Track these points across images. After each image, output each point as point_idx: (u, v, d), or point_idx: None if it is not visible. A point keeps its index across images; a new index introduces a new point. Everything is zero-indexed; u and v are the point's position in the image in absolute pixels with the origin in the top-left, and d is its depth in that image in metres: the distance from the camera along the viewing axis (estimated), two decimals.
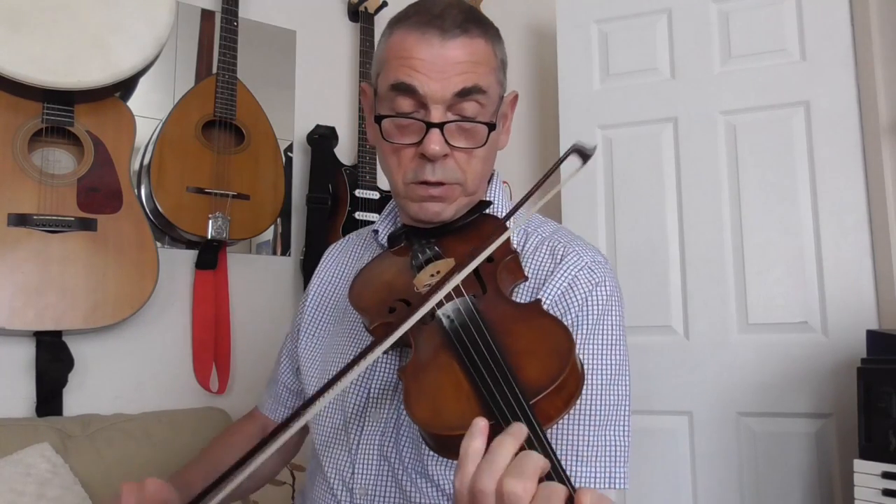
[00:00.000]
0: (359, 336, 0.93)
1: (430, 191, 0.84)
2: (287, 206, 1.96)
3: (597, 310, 0.83)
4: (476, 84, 0.81)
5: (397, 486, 0.83)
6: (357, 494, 0.85)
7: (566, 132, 2.08)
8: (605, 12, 2.07)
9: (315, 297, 1.05)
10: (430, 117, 0.81)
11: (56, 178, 1.54)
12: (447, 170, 0.83)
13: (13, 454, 1.36)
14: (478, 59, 0.82)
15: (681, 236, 1.90)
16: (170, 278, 1.76)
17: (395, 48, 0.83)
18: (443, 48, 0.80)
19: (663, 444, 1.83)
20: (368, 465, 0.84)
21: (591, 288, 0.84)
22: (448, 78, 0.80)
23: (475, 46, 0.82)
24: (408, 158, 0.84)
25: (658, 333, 1.87)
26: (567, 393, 0.63)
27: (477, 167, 0.86)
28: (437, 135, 0.80)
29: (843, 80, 1.80)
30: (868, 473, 1.39)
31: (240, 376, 1.85)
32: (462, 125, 0.83)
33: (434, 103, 0.80)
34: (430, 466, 0.80)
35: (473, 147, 0.84)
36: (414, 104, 0.82)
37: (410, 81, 0.80)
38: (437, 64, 0.80)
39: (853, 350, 1.63)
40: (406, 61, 0.81)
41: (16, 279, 1.47)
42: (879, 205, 1.71)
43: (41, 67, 1.47)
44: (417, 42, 0.81)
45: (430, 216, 0.86)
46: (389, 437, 0.84)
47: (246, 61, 1.91)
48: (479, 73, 0.82)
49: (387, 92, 0.83)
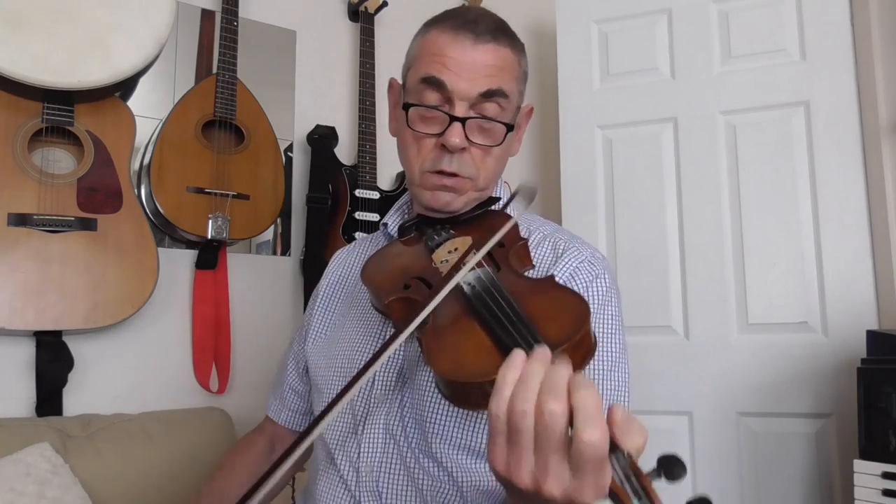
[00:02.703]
0: (369, 322, 0.94)
1: (445, 180, 0.89)
2: (287, 206, 1.96)
3: (597, 300, 0.87)
4: (500, 87, 0.87)
5: (402, 463, 0.85)
6: (363, 473, 0.86)
7: (566, 132, 2.08)
8: (605, 12, 2.07)
9: (324, 296, 1.08)
10: (455, 111, 0.87)
11: (56, 178, 1.54)
12: (463, 163, 0.88)
13: (13, 454, 1.35)
14: (504, 66, 0.88)
15: (681, 236, 1.90)
16: (170, 278, 1.76)
17: (429, 45, 0.89)
18: (474, 50, 0.86)
19: (663, 444, 1.83)
20: (374, 444, 0.87)
21: (592, 279, 0.88)
22: (475, 79, 0.86)
23: (503, 54, 0.88)
24: (428, 148, 0.90)
25: (658, 333, 1.87)
26: (581, 353, 0.65)
27: (491, 165, 0.91)
28: (458, 128, 0.86)
29: (843, 80, 1.80)
30: (868, 473, 1.39)
31: (240, 376, 1.85)
32: (482, 124, 0.88)
33: (460, 99, 0.86)
34: (434, 445, 0.82)
35: (491, 145, 0.89)
36: (440, 98, 0.87)
37: (440, 76, 0.86)
38: (467, 64, 0.86)
39: (853, 350, 1.63)
40: (438, 58, 0.87)
41: (16, 279, 1.47)
42: (879, 205, 1.71)
43: (41, 67, 1.47)
44: (451, 42, 0.87)
45: (440, 205, 0.91)
46: (395, 416, 0.86)
47: (246, 61, 1.91)
48: (503, 78, 0.88)
49: (416, 84, 0.89)
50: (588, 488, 0.50)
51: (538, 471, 0.51)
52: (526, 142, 2.48)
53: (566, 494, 0.50)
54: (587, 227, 1.98)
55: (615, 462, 0.50)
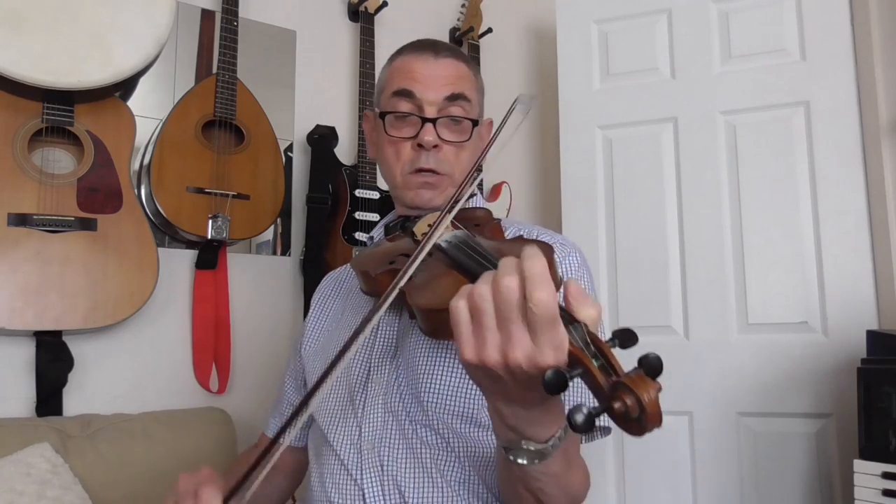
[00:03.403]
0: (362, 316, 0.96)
1: (425, 178, 0.99)
2: (287, 206, 1.96)
3: (570, 272, 0.95)
4: (462, 92, 1.01)
5: (402, 436, 0.90)
6: (365, 451, 0.91)
7: (566, 132, 2.08)
8: (605, 12, 2.07)
9: (318, 305, 1.15)
10: (425, 114, 0.99)
11: (56, 178, 1.54)
12: (440, 160, 1.00)
13: (13, 454, 1.35)
14: (463, 76, 1.03)
15: (681, 236, 1.90)
16: (170, 278, 1.76)
17: (397, 67, 1.03)
18: (436, 64, 1.01)
19: (663, 444, 1.83)
20: (374, 421, 0.92)
21: (565, 255, 0.96)
22: (440, 86, 1.00)
23: (461, 68, 1.03)
24: (406, 151, 1.01)
25: (658, 333, 1.87)
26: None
27: (464, 160, 1.02)
28: (430, 127, 0.99)
29: (843, 80, 1.80)
30: (868, 473, 1.39)
31: (240, 376, 1.85)
32: (450, 123, 1.01)
33: (428, 104, 0.99)
34: (431, 413, 0.88)
35: (461, 140, 1.01)
36: (412, 106, 1.00)
37: (410, 87, 1.00)
38: (431, 76, 1.00)
39: (853, 350, 1.63)
40: (406, 73, 1.01)
41: (16, 279, 1.47)
42: (879, 205, 1.71)
43: (41, 67, 1.47)
44: (415, 59, 1.02)
45: (423, 202, 1.00)
46: (393, 393, 0.92)
47: (246, 61, 1.91)
48: (464, 85, 1.02)
49: (389, 99, 1.02)
50: (547, 348, 0.54)
51: (503, 343, 0.56)
52: (526, 142, 2.49)
53: (530, 359, 0.55)
54: (587, 227, 1.98)
55: (573, 332, 0.56)
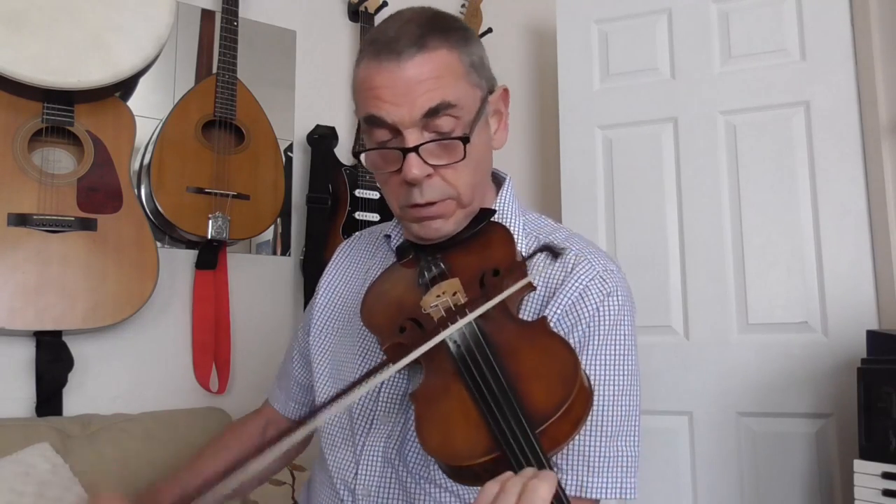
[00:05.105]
0: (368, 347, 0.94)
1: (423, 212, 0.84)
2: (287, 206, 1.96)
3: (608, 321, 0.83)
4: (443, 100, 0.79)
5: (402, 488, 0.84)
6: (359, 495, 0.86)
7: (566, 132, 2.08)
8: (605, 12, 2.07)
9: (325, 294, 1.06)
10: (405, 143, 0.80)
11: (56, 178, 1.54)
12: (434, 189, 0.82)
13: (13, 454, 1.35)
14: (440, 73, 0.80)
15: (681, 236, 1.90)
16: (170, 278, 1.76)
17: (361, 81, 0.83)
18: (402, 70, 0.79)
19: (663, 444, 1.83)
20: (372, 469, 0.86)
21: (603, 298, 0.84)
22: (414, 100, 0.79)
23: (436, 60, 0.80)
24: (396, 185, 0.84)
25: (658, 333, 1.87)
26: (574, 416, 0.66)
27: (466, 178, 0.84)
28: (414, 159, 0.80)
29: (843, 80, 1.79)
30: (868, 473, 1.39)
31: (240, 376, 1.85)
32: (434, 147, 0.81)
33: (406, 128, 0.80)
34: (438, 473, 0.81)
35: (454, 162, 0.82)
36: (389, 133, 0.81)
37: (378, 112, 0.80)
38: (399, 88, 0.79)
39: (853, 350, 1.63)
40: (371, 92, 0.81)
41: (16, 279, 1.47)
42: (879, 205, 1.71)
43: (41, 67, 1.47)
44: (377, 70, 0.80)
45: (431, 234, 0.86)
46: (394, 445, 0.85)
47: (246, 61, 1.91)
48: (445, 85, 0.80)
49: (364, 126, 0.84)
50: None
51: None
52: (526, 142, 2.49)
53: None
54: (587, 227, 1.98)
55: None
